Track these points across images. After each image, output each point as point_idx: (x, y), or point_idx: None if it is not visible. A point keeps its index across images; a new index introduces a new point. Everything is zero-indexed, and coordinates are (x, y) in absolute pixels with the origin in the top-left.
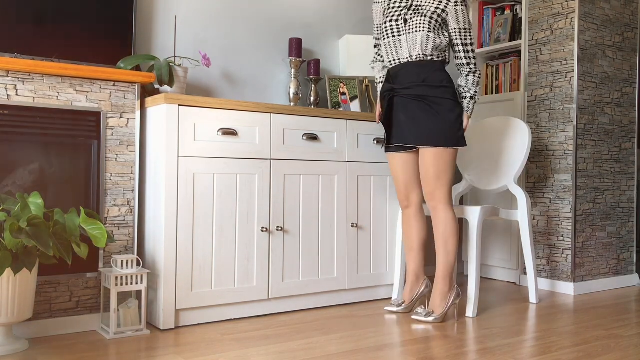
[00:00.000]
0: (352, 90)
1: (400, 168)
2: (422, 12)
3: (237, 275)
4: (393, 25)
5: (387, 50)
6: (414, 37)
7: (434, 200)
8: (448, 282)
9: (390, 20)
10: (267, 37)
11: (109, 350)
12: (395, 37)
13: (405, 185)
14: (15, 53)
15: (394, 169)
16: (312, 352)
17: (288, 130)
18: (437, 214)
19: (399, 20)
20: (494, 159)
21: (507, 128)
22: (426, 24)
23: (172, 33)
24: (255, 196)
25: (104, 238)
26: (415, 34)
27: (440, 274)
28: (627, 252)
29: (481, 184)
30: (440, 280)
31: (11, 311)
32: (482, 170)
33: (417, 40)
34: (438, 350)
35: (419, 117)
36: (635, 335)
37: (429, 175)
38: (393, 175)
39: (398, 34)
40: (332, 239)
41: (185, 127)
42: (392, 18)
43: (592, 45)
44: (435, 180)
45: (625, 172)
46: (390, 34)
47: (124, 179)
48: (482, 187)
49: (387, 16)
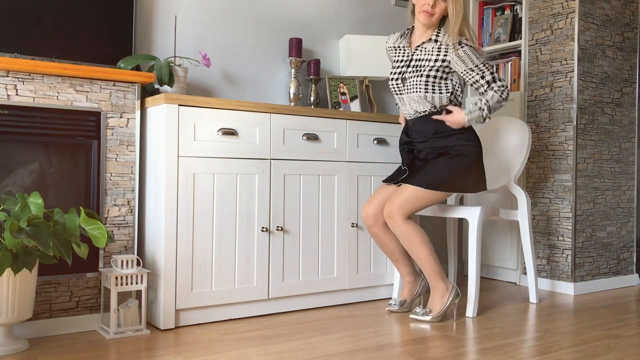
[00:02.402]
0: (352, 90)
1: (384, 194)
2: (420, 71)
3: (237, 275)
4: (394, 85)
5: (399, 103)
6: (412, 97)
7: (392, 217)
8: (440, 280)
9: (392, 79)
10: (267, 37)
11: (109, 350)
12: (399, 96)
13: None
14: (15, 53)
15: (378, 194)
16: (312, 352)
17: (288, 130)
18: (396, 230)
19: (399, 79)
20: (494, 159)
21: (507, 128)
22: (423, 84)
23: (172, 33)
24: (255, 196)
25: (104, 238)
26: (413, 94)
27: (428, 276)
28: (627, 252)
29: None
30: (432, 281)
31: (11, 311)
32: None
33: (416, 100)
34: (438, 350)
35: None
36: (635, 335)
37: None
38: (371, 198)
39: (400, 93)
40: (332, 239)
41: (185, 127)
42: (394, 76)
43: (592, 45)
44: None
45: (625, 172)
46: (394, 92)
47: (124, 179)
48: None
49: (392, 72)
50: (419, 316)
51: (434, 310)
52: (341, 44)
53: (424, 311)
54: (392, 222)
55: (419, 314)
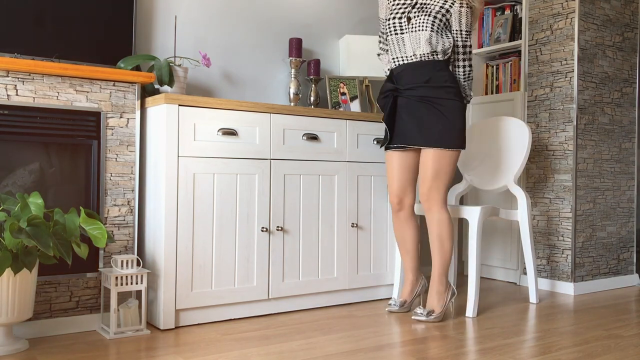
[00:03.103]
0: (352, 90)
1: (398, 168)
2: (427, 11)
3: (237, 275)
4: (396, 23)
5: (391, 47)
6: (417, 36)
7: (429, 201)
8: (444, 281)
9: (394, 18)
10: (267, 37)
11: (109, 350)
12: (399, 35)
13: (401, 187)
14: (15, 53)
15: (392, 168)
16: (312, 352)
17: (288, 130)
18: (432, 215)
19: (402, 18)
20: (494, 159)
21: (507, 128)
22: (429, 23)
23: (172, 33)
24: (255, 196)
25: (104, 238)
26: (418, 32)
27: (436, 273)
28: (627, 252)
29: (481, 184)
30: (437, 280)
31: (11, 311)
32: (482, 170)
33: (420, 39)
34: (438, 350)
35: (423, 118)
36: (635, 335)
37: (427, 175)
38: (389, 176)
39: (401, 32)
40: (332, 239)
41: (185, 127)
42: (395, 15)
43: (592, 45)
44: (432, 180)
45: (625, 172)
46: (394, 32)
47: (124, 179)
48: (482, 187)
49: (392, 12)
50: (422, 317)
51: (436, 310)
52: (341, 44)
53: (427, 311)
54: (430, 206)
55: (422, 314)
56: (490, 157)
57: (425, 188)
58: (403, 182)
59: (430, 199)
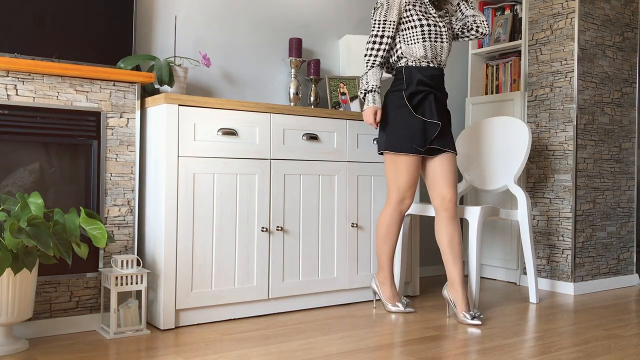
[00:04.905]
0: (352, 90)
1: (415, 171)
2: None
3: (237, 275)
4: (438, 30)
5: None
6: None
7: (452, 208)
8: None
9: (434, 24)
10: (267, 37)
11: (109, 350)
12: (437, 43)
13: (411, 188)
14: (15, 53)
15: (411, 170)
16: (312, 352)
17: (288, 130)
18: (453, 222)
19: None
20: (494, 159)
21: (507, 128)
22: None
23: (172, 33)
24: (255, 196)
25: (104, 238)
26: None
27: (461, 278)
28: (627, 252)
29: (481, 184)
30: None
31: (11, 311)
32: (482, 170)
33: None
34: (438, 350)
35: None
36: (635, 335)
37: (451, 180)
38: (404, 177)
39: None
40: (332, 239)
41: (185, 127)
42: (436, 22)
43: (592, 45)
44: (454, 186)
45: (625, 172)
46: (433, 37)
47: (124, 179)
48: (482, 187)
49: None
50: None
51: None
52: (341, 44)
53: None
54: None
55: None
56: (491, 157)
57: (452, 194)
58: (415, 184)
59: (453, 205)
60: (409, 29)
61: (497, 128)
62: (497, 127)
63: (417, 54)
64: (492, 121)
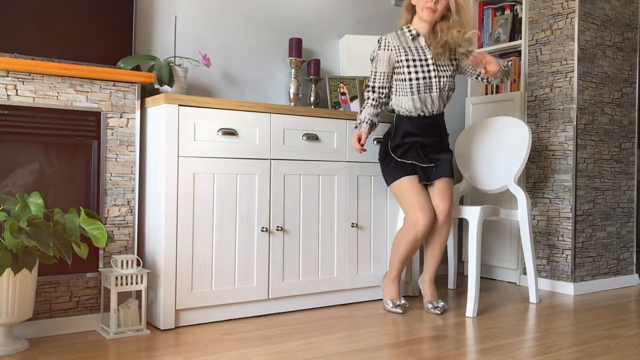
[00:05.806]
0: (352, 90)
1: (419, 187)
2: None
3: (237, 275)
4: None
5: (408, 103)
6: (443, 95)
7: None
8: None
9: (422, 78)
10: (267, 37)
11: (109, 350)
12: (426, 94)
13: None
14: (15, 53)
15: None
16: (312, 352)
17: (288, 130)
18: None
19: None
20: (494, 158)
21: (507, 128)
22: (453, 81)
23: (172, 33)
24: (255, 196)
25: (104, 238)
26: (445, 92)
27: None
28: (627, 252)
29: (481, 184)
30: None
31: (11, 311)
32: (482, 170)
33: (445, 97)
34: (438, 350)
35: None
36: (635, 335)
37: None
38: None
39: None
40: (332, 239)
41: (185, 127)
42: (424, 75)
43: (592, 45)
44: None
45: (625, 172)
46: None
47: (124, 179)
48: (482, 187)
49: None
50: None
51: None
52: (341, 44)
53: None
54: (449, 220)
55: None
56: (490, 157)
57: (446, 206)
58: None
59: (447, 215)
60: (399, 80)
61: (497, 128)
62: (497, 127)
63: (405, 106)
64: (492, 121)
